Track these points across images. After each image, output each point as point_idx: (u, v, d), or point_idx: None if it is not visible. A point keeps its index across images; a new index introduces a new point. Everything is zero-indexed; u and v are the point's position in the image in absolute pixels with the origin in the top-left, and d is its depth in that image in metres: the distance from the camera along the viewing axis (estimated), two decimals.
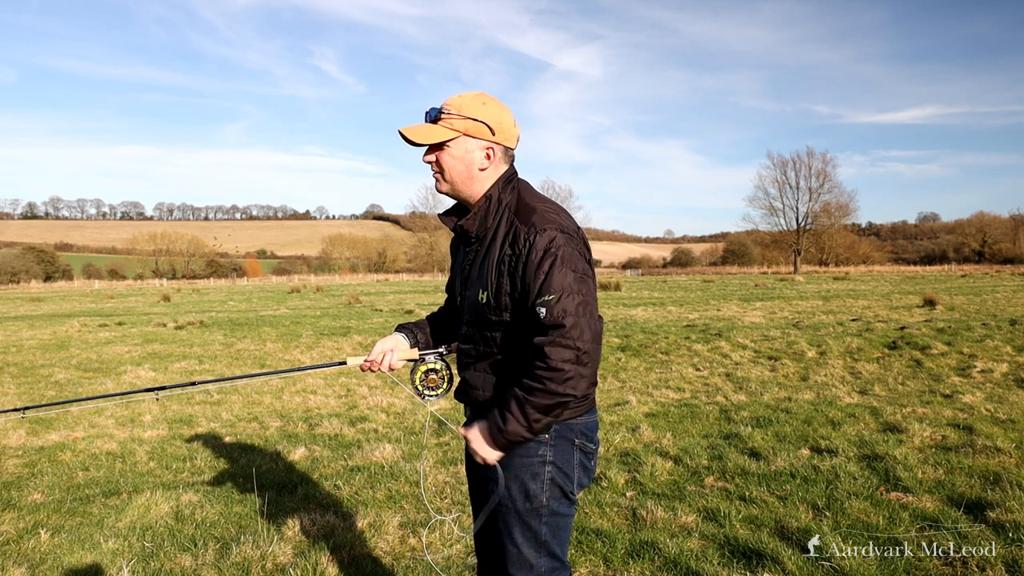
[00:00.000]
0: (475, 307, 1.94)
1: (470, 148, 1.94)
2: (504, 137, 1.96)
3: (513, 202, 1.95)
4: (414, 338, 2.17)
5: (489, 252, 1.92)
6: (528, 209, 1.91)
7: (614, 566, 3.15)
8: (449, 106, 1.93)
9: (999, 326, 10.28)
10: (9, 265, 72.01)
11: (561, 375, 1.74)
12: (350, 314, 18.67)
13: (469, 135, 1.93)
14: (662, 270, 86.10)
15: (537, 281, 1.80)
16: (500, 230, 1.92)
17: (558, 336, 1.75)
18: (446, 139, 1.92)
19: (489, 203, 1.95)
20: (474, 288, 1.94)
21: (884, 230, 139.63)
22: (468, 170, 1.95)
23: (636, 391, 7.27)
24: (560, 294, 1.77)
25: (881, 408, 5.92)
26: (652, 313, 16.17)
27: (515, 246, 1.85)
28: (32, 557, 3.40)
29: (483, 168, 1.95)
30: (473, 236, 1.97)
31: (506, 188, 1.96)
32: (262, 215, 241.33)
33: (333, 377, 8.56)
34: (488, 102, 1.94)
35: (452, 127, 1.92)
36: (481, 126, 1.92)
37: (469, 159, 1.94)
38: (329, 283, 59.52)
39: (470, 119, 1.92)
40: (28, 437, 5.78)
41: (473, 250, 1.99)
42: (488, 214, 1.94)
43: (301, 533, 3.62)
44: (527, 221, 1.87)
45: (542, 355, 1.75)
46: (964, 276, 41.75)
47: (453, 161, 1.94)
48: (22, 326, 16.73)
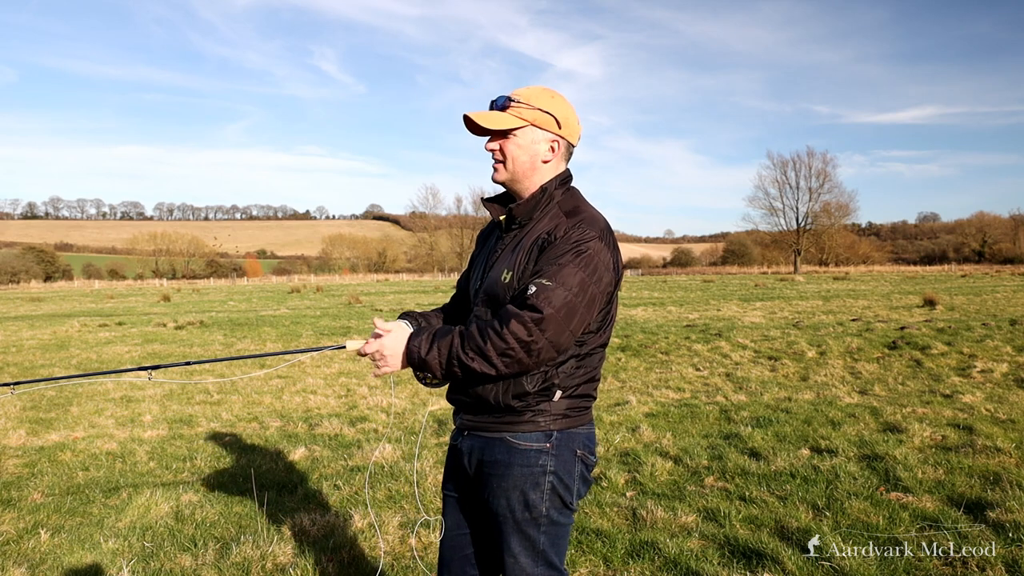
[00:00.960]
0: (494, 285, 1.90)
1: (536, 139, 1.93)
2: (569, 132, 1.96)
3: (565, 202, 1.94)
4: (417, 324, 2.09)
5: (524, 239, 1.91)
6: (577, 210, 1.91)
7: (614, 566, 3.15)
8: (519, 95, 1.93)
9: (999, 326, 10.29)
10: (9, 265, 72.01)
11: (504, 346, 1.73)
12: (350, 314, 18.68)
13: (537, 126, 1.92)
14: (662, 270, 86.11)
15: (549, 263, 1.79)
16: (543, 222, 1.91)
17: (528, 315, 1.73)
18: (515, 127, 1.91)
19: (543, 195, 1.94)
20: (498, 269, 1.92)
21: (884, 230, 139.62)
22: (532, 161, 1.94)
23: (636, 391, 7.28)
24: (558, 286, 1.75)
25: (881, 408, 5.92)
26: (652, 313, 16.18)
27: (552, 234, 1.85)
28: (32, 557, 3.40)
29: (546, 160, 1.95)
30: (516, 223, 1.95)
31: (561, 187, 1.96)
32: (262, 215, 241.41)
33: (333, 377, 8.56)
34: (556, 96, 1.94)
35: (521, 116, 1.91)
36: (549, 118, 1.92)
37: (534, 150, 1.93)
38: (329, 283, 59.54)
39: (539, 110, 1.91)
40: (28, 437, 5.78)
41: (511, 236, 1.96)
42: (539, 205, 1.93)
43: (301, 533, 3.62)
44: (572, 216, 1.88)
45: (503, 320, 1.75)
46: (964, 276, 41.76)
47: (518, 150, 1.93)
48: (22, 326, 16.73)
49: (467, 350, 1.77)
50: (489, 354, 1.74)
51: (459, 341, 1.79)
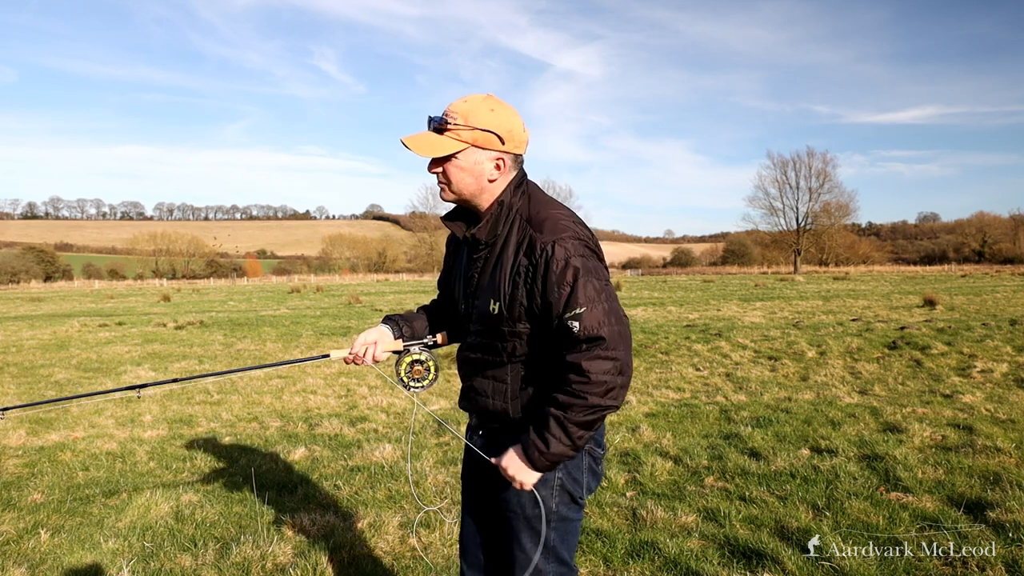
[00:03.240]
0: (485, 317, 1.86)
1: (479, 160, 1.83)
2: (514, 145, 1.85)
3: (524, 208, 1.87)
4: (399, 329, 2.08)
5: (500, 260, 1.84)
6: (540, 216, 1.83)
7: (614, 566, 3.15)
8: (454, 114, 1.80)
9: (999, 326, 10.29)
10: (9, 265, 72.00)
11: (603, 387, 1.71)
12: (350, 314, 18.67)
13: (478, 146, 1.81)
14: (662, 270, 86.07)
15: (562, 294, 1.73)
16: (512, 237, 1.84)
17: (597, 349, 1.71)
18: (454, 151, 1.81)
19: (501, 209, 1.86)
20: (484, 298, 1.86)
21: (884, 230, 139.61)
22: (477, 181, 1.85)
23: (636, 391, 7.27)
24: (589, 306, 1.72)
25: (881, 408, 5.92)
26: (652, 313, 16.17)
27: (531, 256, 1.77)
28: (32, 557, 3.40)
29: (493, 179, 1.86)
30: (483, 243, 1.88)
31: (516, 193, 1.88)
32: (262, 215, 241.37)
33: (333, 377, 8.56)
34: (496, 108, 1.82)
35: (459, 138, 1.80)
36: (490, 136, 1.81)
37: (479, 171, 1.84)
38: (329, 283, 59.51)
39: (479, 129, 1.80)
40: (28, 437, 5.78)
41: (482, 256, 1.90)
42: (499, 220, 1.86)
43: (301, 533, 3.62)
44: (541, 229, 1.79)
45: (580, 370, 1.70)
46: (964, 276, 41.75)
47: (461, 173, 1.83)
48: (22, 326, 16.73)
49: (578, 419, 1.73)
50: (597, 403, 1.71)
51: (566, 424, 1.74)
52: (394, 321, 2.10)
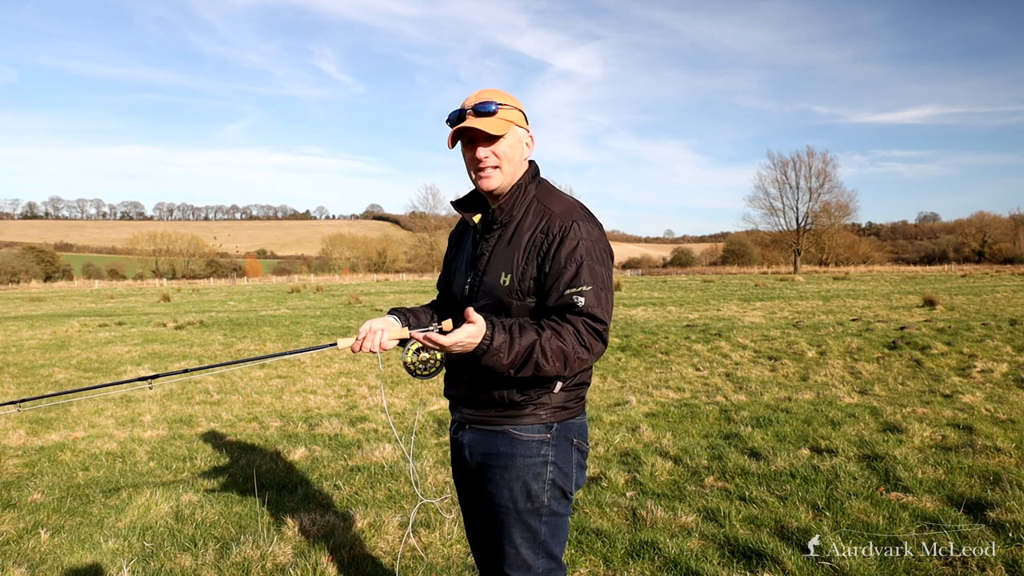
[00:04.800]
0: (494, 290, 1.90)
1: (520, 137, 1.96)
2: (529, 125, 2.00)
3: (542, 194, 1.97)
4: (405, 320, 2.06)
5: (514, 238, 1.91)
6: (560, 202, 1.93)
7: (614, 566, 3.15)
8: (493, 98, 1.90)
9: (999, 326, 10.29)
10: (9, 265, 71.99)
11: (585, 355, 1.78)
12: (350, 314, 18.67)
13: (518, 124, 1.94)
14: (662, 270, 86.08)
15: (570, 268, 1.81)
16: (527, 217, 1.92)
17: (595, 325, 1.80)
18: (508, 129, 1.91)
19: (519, 191, 1.95)
20: (494, 272, 1.91)
21: (884, 230, 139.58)
22: (521, 160, 1.96)
23: (636, 391, 7.27)
24: (595, 286, 1.81)
25: (881, 408, 5.92)
26: (652, 313, 16.17)
27: (548, 232, 1.86)
28: (32, 557, 3.40)
29: (526, 157, 2.00)
30: (497, 224, 1.96)
31: (533, 181, 1.99)
32: (262, 215, 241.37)
33: (333, 377, 8.56)
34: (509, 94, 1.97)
35: (508, 118, 1.91)
36: (522, 115, 1.96)
37: (520, 148, 1.96)
38: (329, 283, 59.51)
39: (516, 108, 1.93)
40: (28, 437, 5.78)
41: (494, 236, 1.96)
42: (516, 202, 1.95)
43: (301, 533, 3.62)
44: (560, 210, 1.89)
45: (578, 330, 1.78)
46: (964, 276, 41.73)
47: (511, 152, 1.92)
48: (22, 326, 16.73)
49: (547, 351, 1.75)
50: (570, 358, 1.77)
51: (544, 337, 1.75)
52: (400, 312, 2.10)
